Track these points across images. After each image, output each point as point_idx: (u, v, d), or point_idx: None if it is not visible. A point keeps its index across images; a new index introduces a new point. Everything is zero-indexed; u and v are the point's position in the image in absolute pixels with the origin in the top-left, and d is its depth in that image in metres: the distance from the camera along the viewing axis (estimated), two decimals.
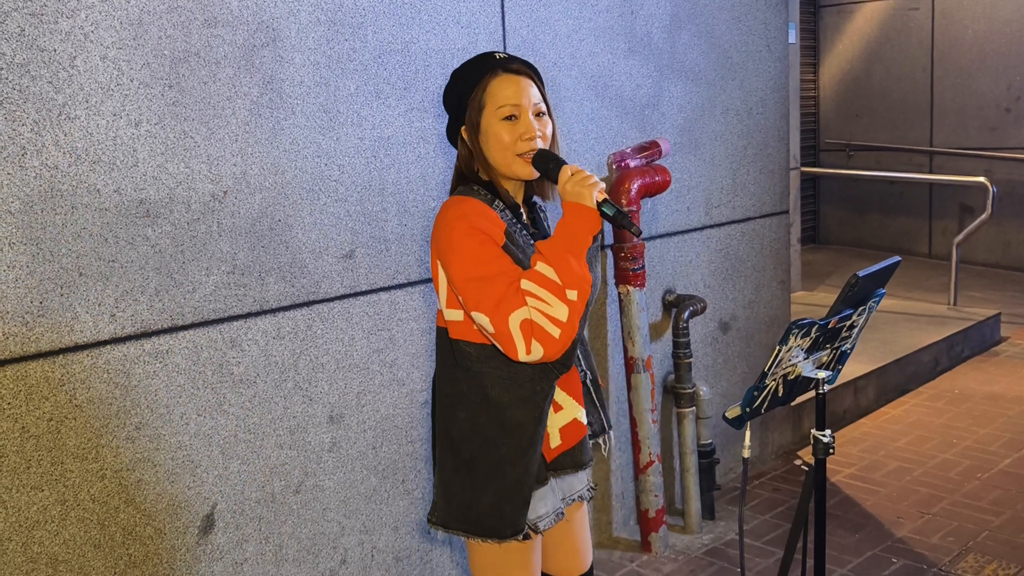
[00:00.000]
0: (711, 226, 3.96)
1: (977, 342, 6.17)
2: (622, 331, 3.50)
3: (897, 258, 2.29)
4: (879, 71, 9.02)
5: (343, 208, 2.71)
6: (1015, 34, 8.11)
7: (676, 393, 3.73)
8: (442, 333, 2.16)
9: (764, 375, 2.11)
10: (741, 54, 4.02)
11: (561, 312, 1.94)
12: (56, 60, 2.17)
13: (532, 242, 2.12)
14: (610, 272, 3.50)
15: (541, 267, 1.97)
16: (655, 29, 3.61)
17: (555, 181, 2.07)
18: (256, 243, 2.54)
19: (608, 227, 3.40)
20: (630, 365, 3.48)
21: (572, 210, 2.00)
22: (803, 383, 2.26)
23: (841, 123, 9.35)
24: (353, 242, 2.75)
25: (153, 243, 2.36)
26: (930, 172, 8.69)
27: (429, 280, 2.94)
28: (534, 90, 2.10)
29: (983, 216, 6.66)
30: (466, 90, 2.10)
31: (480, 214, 2.03)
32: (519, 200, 2.19)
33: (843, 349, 2.32)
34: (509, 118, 2.06)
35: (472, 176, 2.15)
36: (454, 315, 2.09)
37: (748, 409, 2.13)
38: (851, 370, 5.09)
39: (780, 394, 2.19)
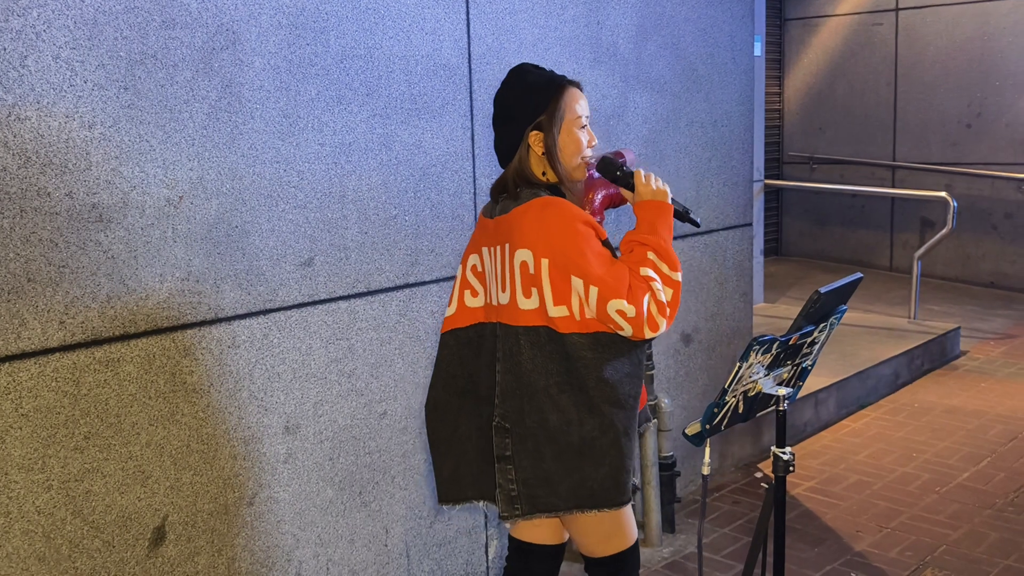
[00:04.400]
0: (675, 238, 3.95)
1: (937, 356, 6.23)
2: None
3: (859, 275, 2.28)
4: (843, 85, 9.10)
5: (302, 215, 2.67)
6: (976, 52, 8.22)
7: None
8: (535, 332, 2.27)
9: (724, 392, 2.09)
10: (707, 66, 4.02)
11: (668, 293, 2.23)
12: (6, 59, 2.11)
13: None
14: None
15: (652, 256, 2.25)
16: (621, 40, 3.60)
17: (625, 184, 2.39)
18: (212, 249, 2.49)
19: None
20: None
21: (658, 207, 2.33)
22: (763, 400, 2.24)
23: (805, 136, 9.42)
24: (312, 249, 2.70)
25: (105, 248, 2.30)
26: (892, 186, 8.77)
27: (390, 289, 2.90)
28: (587, 102, 2.41)
29: (944, 230, 6.72)
30: (542, 102, 2.32)
31: (581, 211, 2.26)
32: None
33: (804, 365, 2.31)
34: (582, 127, 2.33)
35: (535, 178, 2.33)
36: (560, 311, 2.24)
37: (708, 426, 2.12)
38: (812, 383, 5.11)
39: (740, 411, 2.18)
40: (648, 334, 2.18)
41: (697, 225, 2.43)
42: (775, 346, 2.11)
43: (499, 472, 2.33)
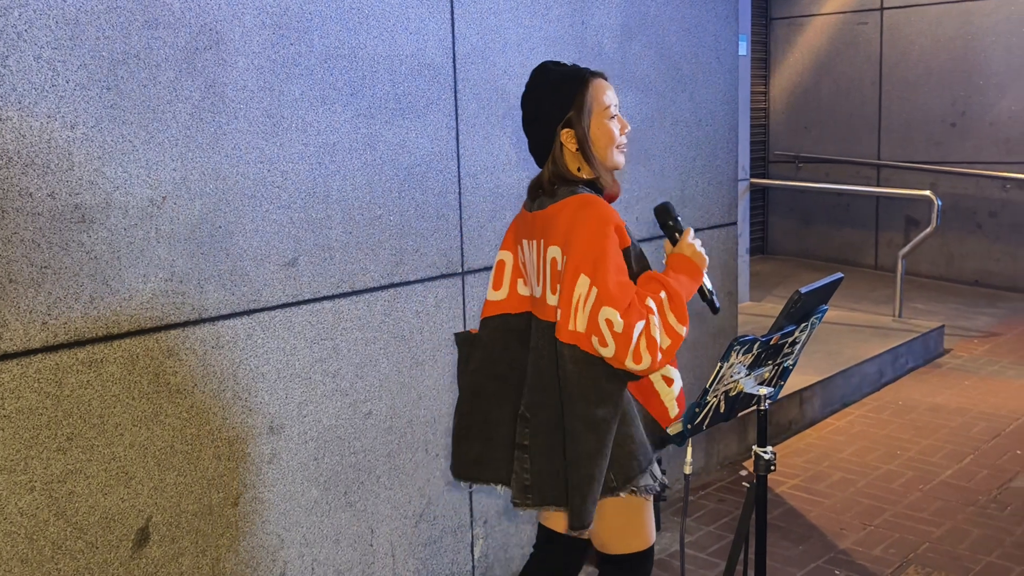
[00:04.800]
0: (659, 237, 3.96)
1: (921, 354, 6.26)
2: None
3: (840, 275, 2.30)
4: (828, 84, 9.14)
5: (286, 215, 2.67)
6: (959, 51, 8.26)
7: None
8: (550, 327, 2.30)
9: (706, 391, 2.10)
10: (691, 65, 4.03)
11: (665, 340, 2.18)
12: None
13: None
14: None
15: (663, 296, 2.21)
16: (606, 39, 3.61)
17: (669, 234, 2.41)
18: (195, 250, 2.49)
19: None
20: None
21: (690, 267, 2.34)
22: (745, 399, 2.26)
23: (790, 135, 9.45)
24: (296, 249, 2.70)
25: (88, 249, 2.30)
26: (877, 185, 8.82)
27: (375, 289, 2.90)
28: (614, 91, 2.39)
29: (928, 229, 6.76)
30: (567, 98, 2.30)
31: (614, 217, 2.24)
32: None
33: (785, 365, 2.33)
34: (612, 117, 2.32)
35: (571, 175, 2.32)
36: (557, 314, 2.23)
37: (689, 426, 2.13)
38: (796, 381, 5.13)
39: (722, 410, 2.19)
40: (629, 363, 2.13)
41: (715, 311, 2.43)
42: (756, 346, 2.12)
43: (516, 460, 2.35)
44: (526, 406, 2.34)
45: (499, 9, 3.19)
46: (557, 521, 2.50)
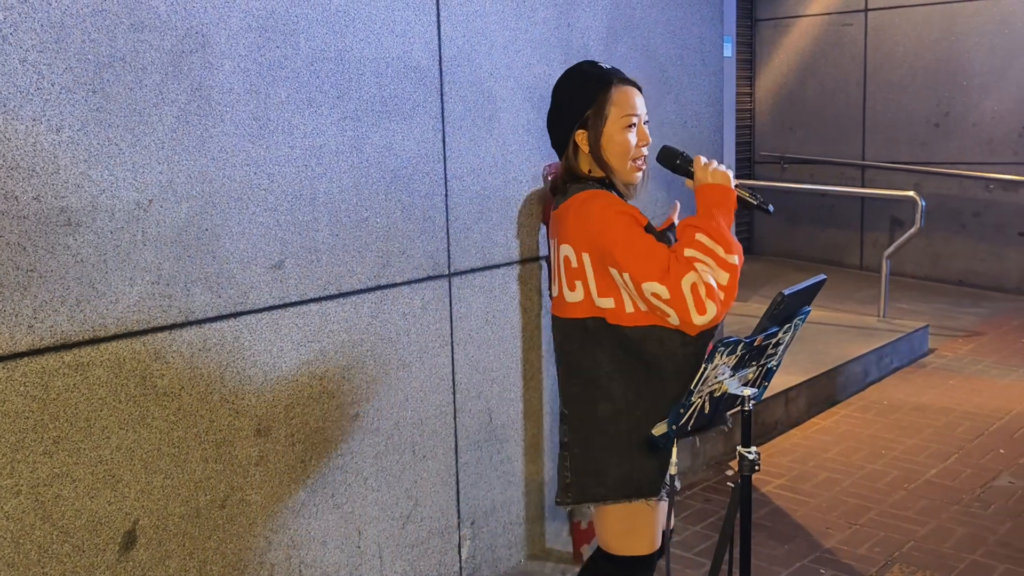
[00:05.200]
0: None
1: (906, 353, 6.30)
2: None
3: (823, 276, 2.31)
4: (813, 85, 9.18)
5: (273, 218, 2.67)
6: (943, 52, 8.31)
7: None
8: (582, 324, 2.29)
9: (690, 392, 2.12)
10: (677, 68, 4.05)
11: (723, 276, 2.16)
12: None
13: None
14: (544, 284, 3.50)
15: (701, 237, 2.17)
16: (592, 41, 3.62)
17: (684, 173, 2.34)
18: (182, 253, 2.49)
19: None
20: None
21: (716, 191, 2.27)
22: (729, 400, 2.27)
23: (776, 136, 9.49)
24: (283, 252, 2.71)
25: (74, 252, 2.29)
26: (862, 185, 8.86)
27: (361, 291, 2.91)
28: (643, 101, 2.34)
29: (913, 229, 6.79)
30: (587, 99, 2.29)
31: (620, 201, 2.24)
32: None
33: (769, 366, 2.34)
34: (630, 126, 2.28)
35: (583, 175, 2.33)
36: (606, 303, 2.23)
37: (675, 427, 2.14)
38: (782, 381, 5.15)
39: (706, 411, 2.21)
40: (696, 319, 2.10)
41: (768, 212, 2.35)
42: (740, 347, 2.14)
43: (559, 458, 2.38)
44: (563, 403, 2.37)
45: (485, 12, 3.20)
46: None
